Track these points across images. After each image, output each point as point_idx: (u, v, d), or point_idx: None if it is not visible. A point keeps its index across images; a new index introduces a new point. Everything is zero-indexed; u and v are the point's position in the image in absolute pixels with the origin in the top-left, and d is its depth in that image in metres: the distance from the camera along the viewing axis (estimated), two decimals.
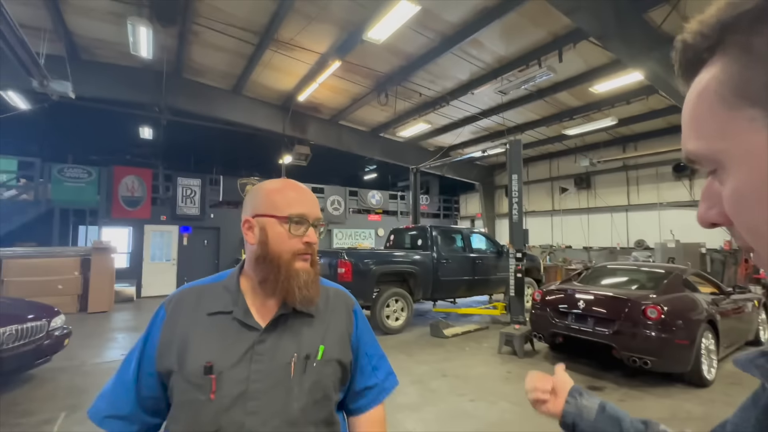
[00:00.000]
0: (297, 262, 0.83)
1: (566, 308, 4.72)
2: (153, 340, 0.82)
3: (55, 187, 9.19)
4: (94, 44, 7.61)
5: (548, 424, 2.77)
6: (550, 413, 0.74)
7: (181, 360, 0.77)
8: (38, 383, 4.12)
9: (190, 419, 0.75)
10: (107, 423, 0.80)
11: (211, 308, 0.82)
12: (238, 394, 0.76)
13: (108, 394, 0.82)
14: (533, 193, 14.46)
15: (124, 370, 0.83)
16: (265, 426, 0.75)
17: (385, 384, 0.97)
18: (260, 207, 0.84)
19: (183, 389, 0.76)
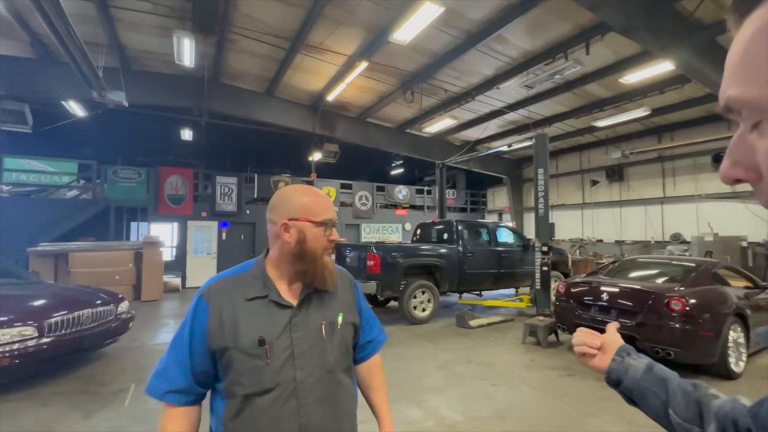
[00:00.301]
0: (326, 256, 1.03)
1: (590, 300, 4.81)
2: (201, 325, 0.96)
3: (110, 186, 10.10)
4: (143, 55, 8.29)
5: (566, 407, 3.05)
6: (596, 368, 0.76)
7: (235, 338, 0.94)
8: (109, 360, 4.73)
9: (253, 380, 0.93)
10: (168, 397, 0.95)
11: (248, 295, 0.99)
12: (287, 357, 0.95)
13: (163, 373, 0.97)
14: (563, 185, 14.22)
15: (175, 352, 0.97)
16: (311, 376, 0.97)
17: (380, 337, 1.22)
18: (296, 212, 1.01)
19: (241, 359, 0.93)
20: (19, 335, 3.66)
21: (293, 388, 0.94)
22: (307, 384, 0.96)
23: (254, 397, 0.93)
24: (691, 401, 0.61)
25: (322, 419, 0.96)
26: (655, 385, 0.66)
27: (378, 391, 1.20)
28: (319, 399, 0.97)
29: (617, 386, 0.72)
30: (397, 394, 3.72)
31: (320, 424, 0.96)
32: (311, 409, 0.95)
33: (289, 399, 0.94)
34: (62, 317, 4.02)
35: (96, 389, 3.83)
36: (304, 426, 0.94)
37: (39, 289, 4.82)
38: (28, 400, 3.58)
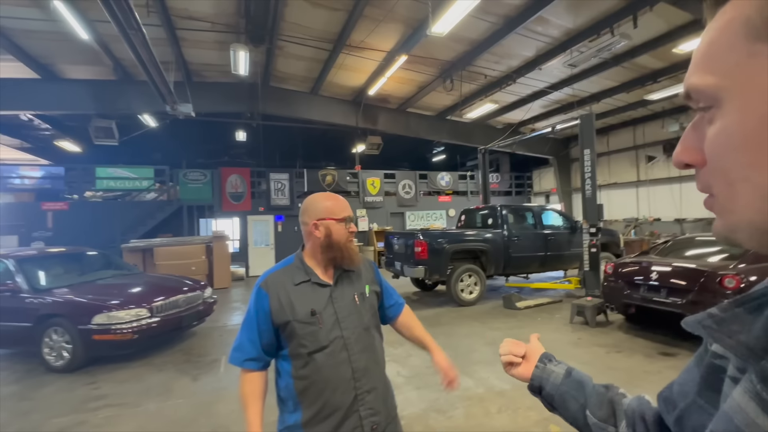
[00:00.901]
0: (349, 243, 1.34)
1: (640, 280, 4.85)
2: (264, 308, 1.25)
3: (182, 188, 11.34)
4: (202, 68, 9.17)
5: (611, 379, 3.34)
6: (520, 376, 0.78)
7: (294, 312, 1.24)
8: (200, 337, 5.58)
9: (313, 340, 1.24)
10: (246, 364, 1.27)
11: (296, 280, 1.29)
12: (333, 321, 1.27)
13: (239, 347, 1.28)
14: (615, 163, 13.58)
15: (247, 331, 1.28)
16: (354, 333, 1.29)
17: (399, 300, 1.56)
18: (322, 214, 1.32)
19: (301, 327, 1.24)
20: (136, 315, 4.51)
21: (343, 344, 1.26)
22: (352, 339, 1.27)
23: (315, 353, 1.23)
24: (605, 401, 0.63)
25: (366, 363, 1.29)
26: (574, 389, 0.68)
27: (416, 327, 1.54)
28: (361, 349, 1.29)
29: (539, 393, 0.73)
30: None
31: (365, 367, 1.28)
32: (357, 357, 1.27)
33: (341, 351, 1.25)
34: (164, 301, 4.86)
35: (196, 359, 4.63)
36: (355, 369, 1.26)
37: (141, 279, 5.77)
38: (147, 366, 4.44)
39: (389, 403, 1.35)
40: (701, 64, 0.35)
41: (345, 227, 1.33)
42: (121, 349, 4.53)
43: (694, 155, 0.36)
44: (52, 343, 4.41)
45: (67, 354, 4.38)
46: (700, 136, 0.35)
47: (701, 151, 0.35)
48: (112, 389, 3.85)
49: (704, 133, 0.35)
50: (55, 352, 4.41)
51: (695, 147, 0.36)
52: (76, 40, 6.86)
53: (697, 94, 0.35)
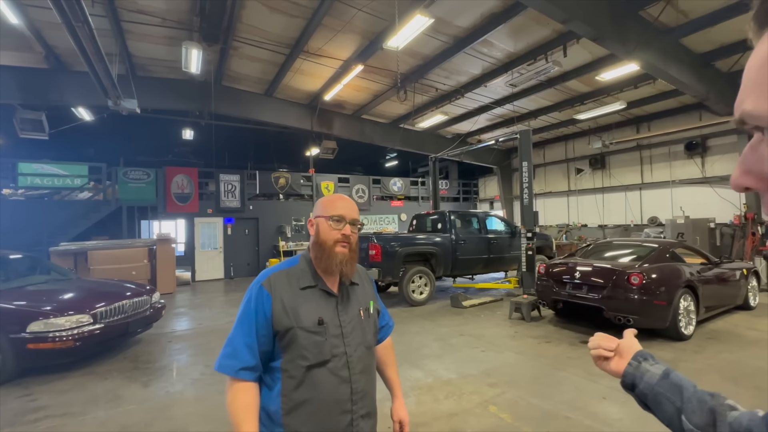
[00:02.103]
0: (337, 247, 1.19)
1: (567, 278, 5.53)
2: (265, 311, 1.12)
3: (121, 187, 10.61)
4: (149, 62, 8.74)
5: (541, 365, 3.88)
6: (611, 371, 0.77)
7: (297, 319, 1.12)
8: (147, 343, 5.37)
9: (316, 352, 1.12)
10: (241, 373, 1.10)
11: (302, 285, 1.18)
12: (338, 334, 1.16)
13: (234, 354, 1.11)
14: (550, 174, 14.94)
15: (243, 336, 1.11)
16: (356, 351, 1.19)
17: (390, 323, 1.49)
18: (317, 212, 1.24)
19: (306, 336, 1.11)
20: (77, 322, 4.28)
21: (345, 361, 1.15)
22: (354, 357, 1.17)
23: (315, 367, 1.12)
24: (705, 410, 0.60)
25: (365, 385, 1.19)
26: (670, 392, 0.65)
27: (391, 366, 1.45)
28: (362, 369, 1.19)
29: (632, 390, 0.73)
30: (400, 360, 4.42)
31: (364, 390, 1.19)
32: (358, 377, 1.17)
33: (342, 368, 1.15)
34: (108, 307, 4.64)
35: (144, 366, 4.49)
36: (354, 390, 1.16)
37: (79, 284, 5.42)
38: (91, 375, 4.23)
39: (374, 429, 1.27)
40: (756, 89, 0.33)
41: (332, 227, 1.19)
42: (60, 358, 4.26)
43: (756, 180, 0.35)
44: None
45: None
46: (758, 159, 0.34)
47: (764, 176, 0.34)
48: (51, 400, 3.64)
49: (764, 155, 0.34)
50: None
51: (757, 170, 0.35)
52: (3, 23, 6.28)
53: (754, 120, 0.33)
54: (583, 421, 3.01)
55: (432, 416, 3.16)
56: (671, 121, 10.78)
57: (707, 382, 3.66)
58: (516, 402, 3.36)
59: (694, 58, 7.50)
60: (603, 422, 2.99)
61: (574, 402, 3.32)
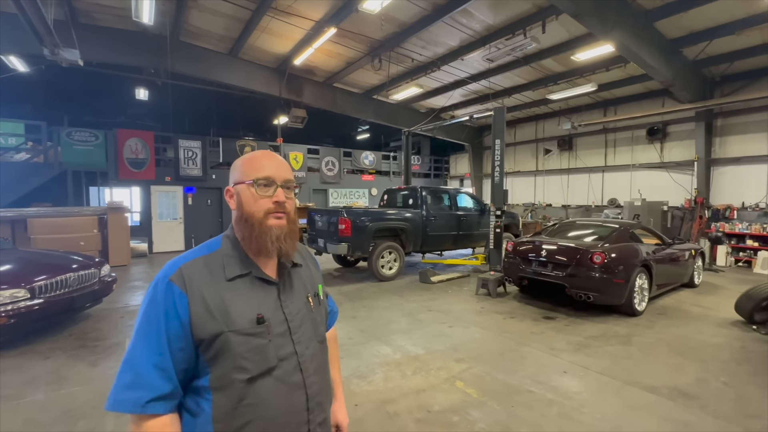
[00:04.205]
0: (269, 219, 0.92)
1: (533, 256, 5.65)
2: (178, 316, 0.84)
3: (65, 150, 9.62)
4: (93, 8, 7.75)
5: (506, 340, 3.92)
6: None
7: (228, 320, 0.86)
8: (97, 319, 5.00)
9: (258, 360, 0.87)
10: (152, 407, 0.80)
11: (228, 274, 0.91)
12: (283, 332, 0.93)
13: (137, 381, 0.81)
14: (519, 153, 15.16)
15: (149, 353, 0.82)
16: (308, 348, 0.97)
17: (335, 308, 1.30)
18: (236, 176, 0.96)
19: (242, 341, 0.86)
20: (11, 297, 3.86)
21: (296, 362, 0.93)
22: (306, 356, 0.95)
23: (259, 378, 0.87)
24: None
25: (321, 387, 0.98)
26: None
27: (335, 362, 1.22)
28: (316, 369, 0.98)
29: None
30: (369, 336, 4.38)
31: (320, 391, 0.98)
32: (313, 379, 0.96)
33: (294, 373, 0.92)
34: (49, 280, 4.22)
35: (93, 344, 4.17)
36: (310, 396, 0.94)
37: (16, 255, 4.89)
38: (30, 355, 3.87)
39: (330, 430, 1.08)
40: None
41: (258, 194, 0.93)
42: None
43: None
44: None
45: None
46: None
47: None
48: None
49: None
50: None
51: None
52: None
53: None
54: (546, 395, 3.10)
55: (400, 392, 3.14)
56: (636, 106, 11.10)
57: (658, 355, 3.89)
58: (482, 377, 3.41)
59: (665, 43, 7.62)
60: (564, 395, 3.09)
61: (537, 376, 3.41)
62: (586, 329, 4.64)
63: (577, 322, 4.91)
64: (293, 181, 0.99)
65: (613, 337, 4.42)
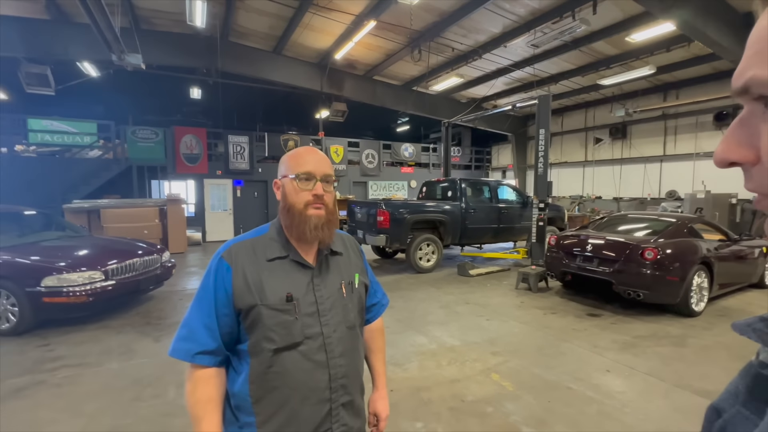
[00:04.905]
0: (309, 210, 1.01)
1: (578, 251, 5.42)
2: (225, 287, 0.97)
3: (130, 146, 10.56)
4: (153, 15, 8.38)
5: (546, 336, 3.81)
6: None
7: (262, 295, 0.97)
8: (159, 301, 5.52)
9: (284, 334, 0.97)
10: (198, 358, 0.95)
11: (269, 255, 1.02)
12: (312, 313, 1.01)
13: (190, 336, 0.97)
14: (567, 143, 14.42)
15: (201, 314, 0.97)
16: (336, 331, 1.03)
17: (383, 301, 1.30)
18: (282, 171, 1.06)
19: (271, 315, 0.96)
20: (89, 278, 4.37)
21: (321, 342, 1.01)
22: (333, 338, 1.02)
23: (284, 350, 0.97)
24: None
25: (347, 370, 1.05)
26: None
27: (377, 353, 1.28)
28: (343, 351, 1.04)
29: None
30: (405, 326, 4.47)
31: (345, 375, 1.04)
32: (338, 362, 1.02)
33: (318, 352, 1.00)
34: (119, 264, 4.72)
35: (156, 322, 4.63)
36: (333, 376, 1.01)
37: (91, 241, 5.51)
38: (105, 329, 4.38)
39: (362, 417, 1.13)
40: (760, 57, 0.32)
41: (300, 186, 1.02)
42: (74, 312, 4.41)
43: (744, 153, 0.34)
44: None
45: (13, 317, 4.20)
46: (751, 133, 0.33)
47: (754, 148, 0.33)
48: (68, 351, 3.79)
49: (758, 128, 0.33)
50: None
51: (746, 143, 0.34)
52: None
53: (760, 87, 0.32)
54: (585, 392, 3.02)
55: (434, 381, 3.20)
56: (702, 89, 10.12)
57: (715, 359, 3.63)
58: (518, 371, 3.38)
59: (737, 18, 6.86)
60: (605, 394, 2.99)
61: (577, 373, 3.32)
62: (634, 328, 4.41)
63: (624, 321, 4.67)
64: (332, 175, 1.08)
65: (665, 337, 4.16)
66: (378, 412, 1.23)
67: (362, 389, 1.15)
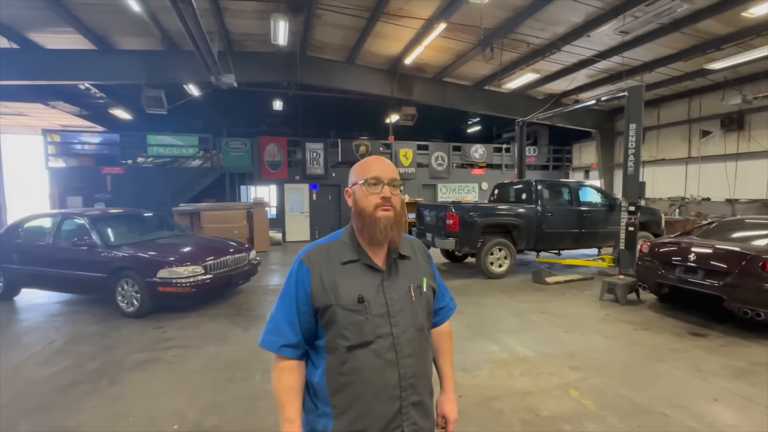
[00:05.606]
0: (378, 212, 1.08)
1: (677, 260, 4.78)
2: (305, 287, 1.06)
3: (224, 156, 11.93)
4: (243, 38, 9.36)
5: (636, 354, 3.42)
6: None
7: (336, 296, 1.04)
8: (246, 294, 6.13)
9: (356, 333, 1.04)
10: (282, 350, 1.07)
11: (343, 259, 1.09)
12: (383, 314, 1.06)
13: (275, 330, 1.08)
14: (665, 138, 12.77)
15: (284, 312, 1.09)
16: (405, 333, 1.08)
17: (451, 305, 1.34)
18: (352, 179, 1.15)
19: (345, 314, 1.04)
20: (192, 272, 5.04)
21: (391, 342, 1.06)
22: (403, 339, 1.07)
23: (357, 348, 1.03)
24: None
25: (416, 370, 1.09)
26: None
27: (445, 356, 1.31)
28: (411, 352, 1.08)
29: None
30: (475, 332, 4.37)
31: (414, 374, 1.08)
32: (407, 362, 1.07)
33: (389, 351, 1.05)
34: (215, 260, 5.36)
35: (245, 313, 5.16)
36: (402, 375, 1.06)
37: (193, 239, 6.32)
38: (203, 317, 5.01)
39: (431, 419, 1.17)
40: None
41: (369, 191, 1.09)
42: (180, 301, 5.12)
43: None
44: (124, 292, 5.05)
45: (136, 302, 5.01)
46: None
47: None
48: (176, 334, 4.41)
49: None
50: (126, 300, 5.05)
51: None
52: (129, 11, 7.20)
53: None
54: (685, 421, 2.66)
55: (505, 391, 3.09)
56: None
57: None
58: (602, 390, 3.09)
59: None
60: (710, 425, 2.60)
61: (675, 399, 2.94)
62: (751, 353, 3.75)
63: (738, 343, 4.00)
64: (399, 179, 1.14)
65: None
66: (446, 415, 1.25)
67: (431, 391, 1.17)
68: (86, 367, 3.59)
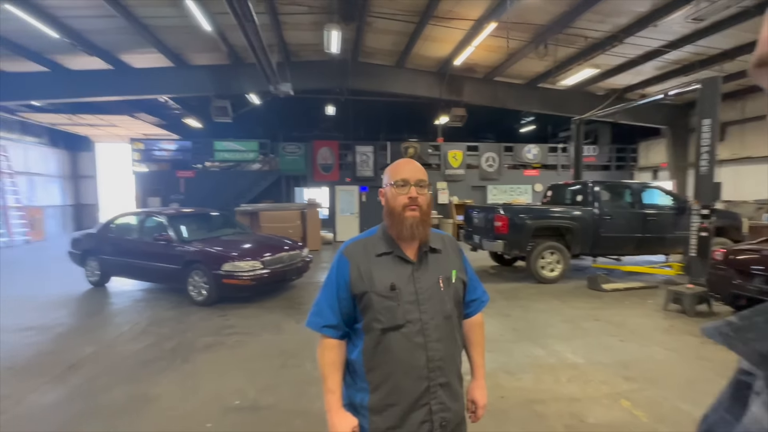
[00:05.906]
0: (406, 212, 1.19)
1: (758, 269, 4.32)
2: (344, 277, 1.20)
3: (281, 160, 12.74)
4: (299, 48, 9.94)
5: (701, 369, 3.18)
6: None
7: (371, 284, 1.18)
8: (299, 289, 6.53)
9: (388, 317, 1.16)
10: (324, 330, 1.22)
11: (377, 251, 1.22)
12: (413, 301, 1.18)
13: (319, 312, 1.23)
14: (750, 133, 11.38)
15: (327, 297, 1.23)
16: (433, 319, 1.19)
17: (483, 297, 1.41)
18: (384, 181, 1.28)
19: (379, 300, 1.17)
20: (252, 266, 5.49)
21: (420, 327, 1.17)
22: (431, 325, 1.18)
23: (389, 331, 1.16)
24: None
25: (443, 354, 1.19)
26: None
27: (477, 346, 1.39)
28: (439, 338, 1.19)
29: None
30: (521, 336, 4.29)
31: (441, 358, 1.19)
32: (434, 345, 1.18)
33: (417, 335, 1.16)
34: (272, 256, 5.79)
35: (298, 306, 5.52)
36: (430, 357, 1.17)
37: (252, 237, 6.86)
38: (261, 308, 5.44)
39: (460, 402, 1.27)
40: None
41: (398, 192, 1.21)
42: (241, 292, 5.61)
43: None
44: (195, 282, 5.64)
45: (205, 292, 5.58)
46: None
47: None
48: (238, 322, 4.86)
49: None
50: (196, 289, 5.64)
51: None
52: (201, 31, 7.99)
53: None
54: None
55: (551, 395, 3.03)
56: None
57: None
58: (657, 402, 2.92)
59: None
60: None
61: None
62: None
63: None
64: (425, 181, 1.25)
65: None
66: (476, 400, 1.34)
67: (460, 376, 1.28)
68: (164, 346, 4.10)
